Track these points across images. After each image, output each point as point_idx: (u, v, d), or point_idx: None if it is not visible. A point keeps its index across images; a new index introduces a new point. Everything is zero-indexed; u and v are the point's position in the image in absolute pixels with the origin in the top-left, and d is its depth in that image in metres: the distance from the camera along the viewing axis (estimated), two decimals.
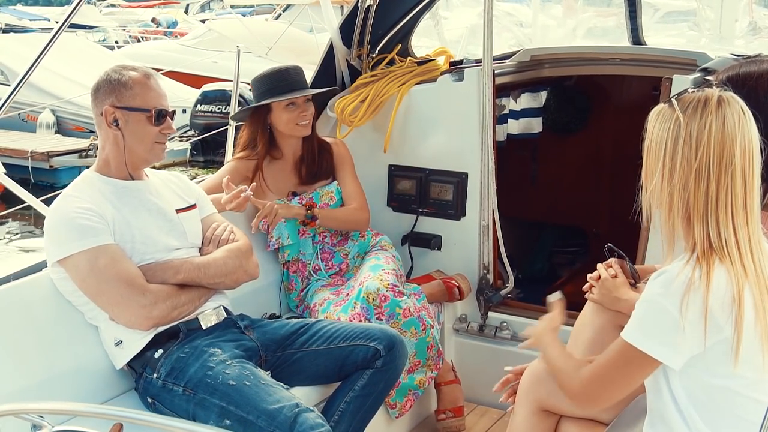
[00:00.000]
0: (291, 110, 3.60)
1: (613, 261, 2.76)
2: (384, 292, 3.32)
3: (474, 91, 3.92)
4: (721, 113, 1.93)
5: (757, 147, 1.96)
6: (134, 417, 1.75)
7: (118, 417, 1.76)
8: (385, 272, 3.47)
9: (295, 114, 3.60)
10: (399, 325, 3.31)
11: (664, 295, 1.92)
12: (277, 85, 3.62)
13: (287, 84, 3.62)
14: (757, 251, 1.94)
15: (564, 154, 5.38)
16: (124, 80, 2.87)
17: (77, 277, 2.75)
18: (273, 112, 3.62)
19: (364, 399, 2.92)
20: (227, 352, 2.78)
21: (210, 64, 15.11)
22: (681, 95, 2.01)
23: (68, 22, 3.37)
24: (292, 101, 3.59)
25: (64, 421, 2.52)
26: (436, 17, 7.39)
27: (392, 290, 3.36)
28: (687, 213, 1.96)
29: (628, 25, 4.52)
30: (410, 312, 3.36)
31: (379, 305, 3.30)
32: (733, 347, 1.90)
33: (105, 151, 2.92)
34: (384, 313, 3.30)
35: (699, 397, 1.98)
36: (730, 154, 1.92)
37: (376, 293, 3.32)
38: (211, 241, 3.05)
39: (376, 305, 3.30)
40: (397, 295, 3.36)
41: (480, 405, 3.88)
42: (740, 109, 1.95)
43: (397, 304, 3.33)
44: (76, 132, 12.81)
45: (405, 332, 3.33)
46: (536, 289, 4.70)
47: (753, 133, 1.95)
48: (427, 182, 4.15)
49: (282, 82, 3.62)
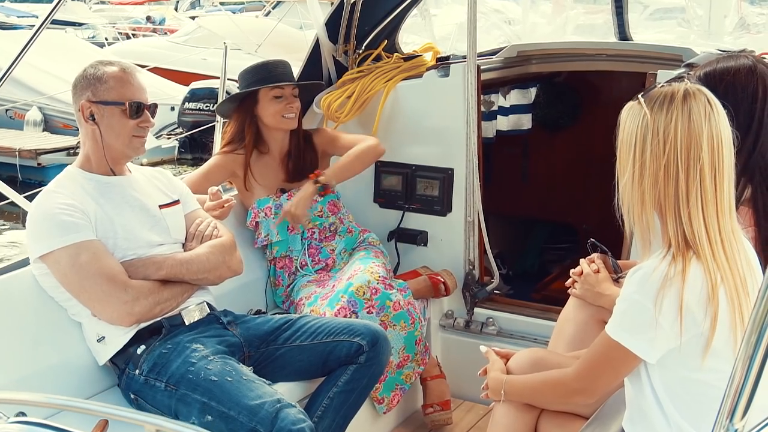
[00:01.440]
0: (278, 102, 3.60)
1: (595, 256, 2.77)
2: (375, 285, 3.33)
3: (460, 87, 3.92)
4: (686, 107, 1.93)
5: (727, 140, 1.95)
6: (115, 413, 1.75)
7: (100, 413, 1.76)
8: (376, 265, 3.47)
9: (282, 105, 3.60)
10: (389, 317, 3.31)
11: (640, 291, 1.93)
12: (265, 75, 3.62)
13: (274, 75, 3.62)
14: (729, 244, 1.94)
15: (554, 150, 5.39)
16: (99, 74, 2.87)
17: (59, 273, 2.74)
18: (260, 103, 3.62)
19: (347, 395, 2.92)
20: (210, 348, 2.78)
21: (200, 61, 15.07)
22: (648, 91, 2.01)
23: (50, 18, 3.35)
24: (279, 94, 3.59)
25: (50, 416, 2.53)
26: (425, 14, 7.39)
27: (383, 282, 3.36)
28: (660, 209, 1.97)
29: (615, 21, 4.53)
30: (400, 305, 3.37)
31: (370, 298, 3.30)
32: (706, 341, 1.90)
33: (86, 147, 2.92)
34: (374, 306, 3.30)
35: (677, 391, 1.98)
36: (697, 147, 1.91)
37: (366, 286, 3.31)
38: (194, 237, 3.04)
39: (366, 298, 3.29)
40: (387, 287, 3.36)
41: (466, 401, 3.89)
42: (706, 101, 1.95)
43: (388, 296, 3.33)
44: (64, 130, 12.73)
45: (395, 325, 3.33)
46: (527, 285, 4.73)
47: (722, 125, 1.95)
48: (413, 178, 4.15)
49: (269, 74, 3.63)
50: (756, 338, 1.43)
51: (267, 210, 3.64)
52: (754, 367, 1.44)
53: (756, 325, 1.43)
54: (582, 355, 2.22)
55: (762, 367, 1.44)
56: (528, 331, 3.90)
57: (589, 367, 2.13)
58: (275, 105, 3.60)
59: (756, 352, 1.43)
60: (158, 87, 12.53)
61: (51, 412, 2.57)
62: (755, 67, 2.50)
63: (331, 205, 3.72)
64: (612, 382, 2.14)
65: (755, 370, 1.44)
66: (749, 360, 1.44)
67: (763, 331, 1.43)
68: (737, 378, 1.46)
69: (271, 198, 3.66)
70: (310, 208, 3.63)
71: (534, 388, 2.36)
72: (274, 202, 3.64)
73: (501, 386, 2.42)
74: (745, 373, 1.45)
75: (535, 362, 2.46)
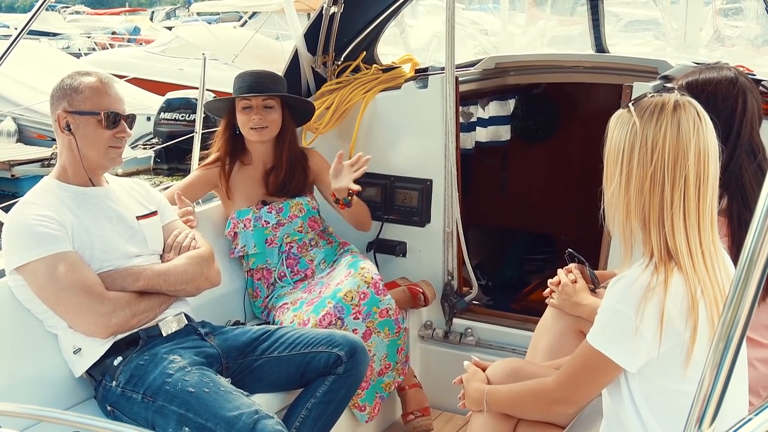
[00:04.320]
0: (246, 112, 3.60)
1: (573, 266, 2.78)
2: (365, 289, 3.33)
3: (438, 98, 3.93)
4: (676, 118, 1.94)
5: (714, 152, 1.97)
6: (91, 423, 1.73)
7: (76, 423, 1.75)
8: (368, 265, 3.49)
9: (248, 116, 3.59)
10: (374, 324, 3.31)
11: (622, 300, 1.94)
12: (241, 85, 3.63)
13: (247, 86, 3.62)
14: (709, 257, 1.95)
15: (533, 161, 5.42)
16: (75, 85, 2.86)
17: (35, 285, 2.71)
18: (236, 112, 3.63)
19: (325, 405, 2.91)
20: (187, 359, 2.76)
21: (176, 71, 15.03)
22: (639, 100, 2.02)
23: (27, 29, 3.33)
24: (247, 105, 3.58)
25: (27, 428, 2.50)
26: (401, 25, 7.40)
27: (374, 286, 3.36)
28: (644, 218, 1.98)
29: (592, 34, 4.56)
30: (388, 313, 3.37)
31: (358, 303, 3.30)
32: (686, 352, 1.91)
33: (62, 158, 2.90)
34: (361, 312, 3.30)
35: (656, 401, 1.99)
36: (684, 158, 1.92)
37: (356, 290, 3.31)
38: (172, 248, 3.03)
39: (354, 303, 3.29)
40: (380, 292, 3.36)
41: (445, 411, 3.88)
42: (696, 114, 1.96)
43: (376, 302, 3.33)
44: (39, 140, 12.64)
45: (379, 332, 3.33)
46: (506, 296, 4.74)
47: (709, 138, 1.96)
48: (392, 189, 4.16)
49: (244, 83, 3.63)
50: (723, 345, 1.45)
51: (246, 221, 3.63)
52: (722, 374, 1.46)
53: (723, 333, 1.45)
54: (562, 365, 2.22)
55: (730, 374, 1.46)
56: (507, 342, 3.91)
57: (570, 377, 2.13)
58: (243, 115, 3.61)
59: (724, 359, 1.45)
60: (134, 97, 12.48)
61: (28, 424, 2.55)
62: (737, 79, 2.53)
63: (311, 221, 3.72)
64: (593, 392, 2.14)
65: (723, 376, 1.46)
66: (717, 367, 1.46)
67: (730, 338, 1.45)
68: (706, 384, 1.47)
69: (251, 209, 3.64)
70: (291, 222, 3.64)
71: (515, 398, 2.35)
72: (254, 214, 3.63)
73: (482, 397, 2.41)
74: (714, 379, 1.46)
75: (512, 372, 2.46)
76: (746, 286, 1.43)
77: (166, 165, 12.65)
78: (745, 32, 9.61)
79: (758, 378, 2.40)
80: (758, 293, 1.43)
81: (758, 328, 2.44)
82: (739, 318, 1.44)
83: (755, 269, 1.42)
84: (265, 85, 3.65)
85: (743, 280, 1.43)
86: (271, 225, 3.62)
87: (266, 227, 3.62)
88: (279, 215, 3.65)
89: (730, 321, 1.45)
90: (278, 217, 3.64)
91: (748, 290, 1.43)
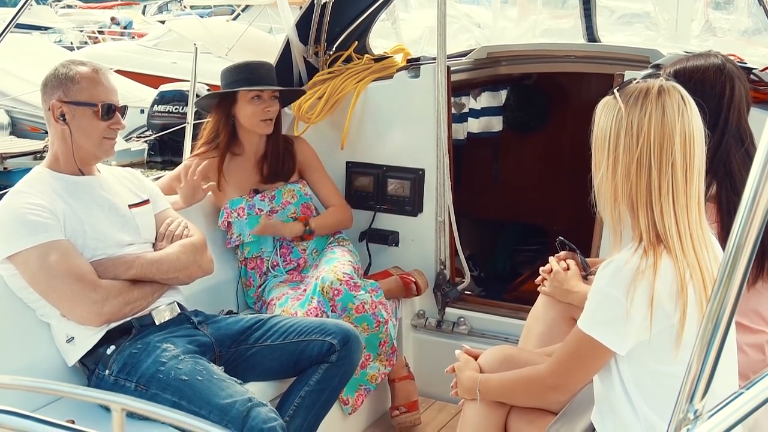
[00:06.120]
0: (256, 103, 3.59)
1: (564, 254, 2.79)
2: (338, 286, 3.32)
3: (430, 88, 3.94)
4: (660, 102, 1.96)
5: (699, 136, 1.98)
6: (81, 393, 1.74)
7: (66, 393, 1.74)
8: (341, 263, 3.47)
9: (260, 108, 3.58)
10: (351, 319, 3.31)
11: (612, 284, 1.95)
12: (247, 76, 3.61)
13: (257, 77, 3.61)
14: (698, 240, 1.97)
15: (525, 152, 5.43)
16: (71, 74, 2.85)
17: (27, 274, 2.71)
18: (238, 103, 3.61)
19: (318, 394, 2.92)
20: (180, 348, 2.76)
21: (169, 64, 14.99)
22: (624, 86, 2.03)
23: (15, 21, 3.30)
24: (257, 94, 3.58)
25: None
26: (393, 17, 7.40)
27: (347, 283, 3.35)
28: (631, 203, 1.99)
29: (584, 23, 4.57)
30: (363, 308, 3.36)
31: (332, 298, 3.30)
32: (676, 334, 1.93)
33: (54, 147, 2.89)
34: (337, 307, 3.30)
35: (645, 383, 2.00)
36: (669, 142, 1.94)
37: (329, 286, 3.31)
38: (164, 237, 3.03)
39: (329, 298, 3.30)
40: (352, 288, 3.35)
41: (438, 400, 3.90)
42: (680, 98, 1.98)
43: (350, 299, 3.32)
44: (32, 133, 12.59)
45: (357, 327, 3.33)
46: (498, 287, 4.75)
47: (694, 122, 1.98)
48: (384, 179, 4.16)
49: (252, 75, 3.61)
50: (713, 325, 1.47)
51: (240, 210, 3.63)
52: (711, 353, 1.48)
53: (713, 314, 1.47)
54: (554, 352, 2.23)
55: (719, 353, 1.48)
56: (499, 330, 3.92)
57: (562, 363, 2.15)
58: (253, 106, 3.59)
59: (713, 339, 1.47)
60: (127, 89, 12.44)
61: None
62: (724, 66, 2.54)
63: (304, 207, 3.73)
64: (585, 378, 2.15)
65: (713, 354, 1.48)
66: (707, 345, 1.48)
67: (719, 319, 1.46)
68: (696, 362, 1.49)
69: (244, 198, 3.65)
70: (284, 209, 3.66)
71: (507, 386, 2.36)
72: (247, 203, 3.64)
73: (475, 385, 2.42)
74: (704, 357, 1.48)
75: (505, 360, 2.47)
76: (735, 268, 1.44)
77: (160, 157, 12.63)
78: (736, 24, 9.65)
79: (749, 363, 2.42)
80: (746, 274, 1.44)
81: (748, 313, 2.46)
82: (728, 299, 1.45)
83: (743, 251, 1.43)
84: (272, 77, 3.67)
85: (731, 262, 1.44)
86: (264, 212, 3.63)
87: (260, 215, 3.62)
88: (272, 202, 3.66)
89: (719, 302, 1.46)
90: (271, 204, 3.65)
91: (737, 271, 1.44)
